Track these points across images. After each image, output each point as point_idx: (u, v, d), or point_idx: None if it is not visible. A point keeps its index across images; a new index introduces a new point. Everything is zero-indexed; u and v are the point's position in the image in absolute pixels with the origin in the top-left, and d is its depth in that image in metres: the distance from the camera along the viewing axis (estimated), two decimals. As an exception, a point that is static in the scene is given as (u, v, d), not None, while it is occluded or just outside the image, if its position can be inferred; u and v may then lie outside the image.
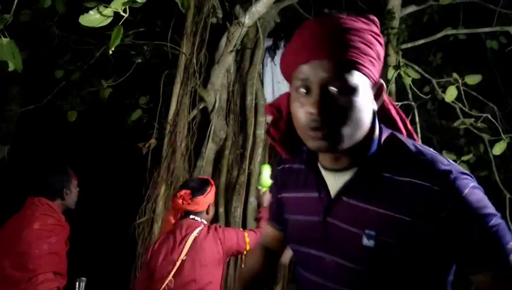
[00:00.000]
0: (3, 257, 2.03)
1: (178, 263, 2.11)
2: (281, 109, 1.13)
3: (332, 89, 0.84)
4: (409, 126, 1.05)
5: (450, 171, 0.83)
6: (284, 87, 4.57)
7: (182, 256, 2.12)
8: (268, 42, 4.62)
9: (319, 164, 1.00)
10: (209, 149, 4.05)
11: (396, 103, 3.65)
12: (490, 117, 3.49)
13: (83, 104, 4.56)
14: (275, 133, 1.16)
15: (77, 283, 2.30)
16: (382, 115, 1.00)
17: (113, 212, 4.51)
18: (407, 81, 3.66)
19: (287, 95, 1.06)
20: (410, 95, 3.79)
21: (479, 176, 4.16)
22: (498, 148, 3.33)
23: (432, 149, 0.91)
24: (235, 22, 4.01)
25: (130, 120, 4.35)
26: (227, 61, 4.13)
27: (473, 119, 3.51)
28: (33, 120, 4.97)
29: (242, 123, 4.32)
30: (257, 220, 2.60)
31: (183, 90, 3.82)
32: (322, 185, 0.97)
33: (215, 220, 4.08)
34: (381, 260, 0.85)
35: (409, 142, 0.91)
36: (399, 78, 3.74)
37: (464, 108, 3.55)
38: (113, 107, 4.60)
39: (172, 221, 2.31)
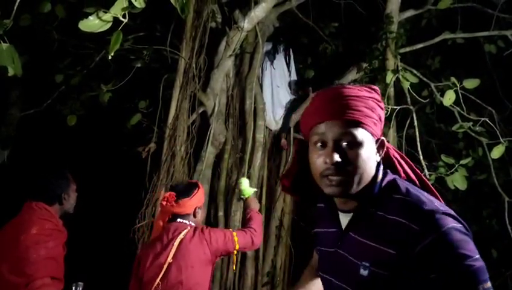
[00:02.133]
0: (1, 262, 2.02)
1: (165, 266, 2.13)
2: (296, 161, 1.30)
3: (344, 143, 1.03)
4: (415, 171, 1.18)
5: (430, 213, 0.94)
6: (282, 91, 4.58)
7: (169, 259, 2.14)
8: (268, 46, 4.63)
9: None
10: (209, 153, 4.05)
11: (395, 107, 3.67)
12: (488, 121, 3.50)
13: (82, 109, 4.57)
14: (286, 183, 1.34)
15: (74, 288, 2.30)
16: (387, 163, 1.16)
17: (112, 217, 4.51)
18: (406, 85, 3.68)
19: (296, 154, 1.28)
20: (408, 99, 3.80)
21: (478, 179, 4.18)
22: (496, 152, 3.33)
23: (424, 193, 1.03)
24: (234, 26, 4.03)
25: (129, 124, 4.35)
26: (226, 65, 4.15)
27: (471, 123, 3.52)
28: (33, 124, 4.98)
29: (241, 127, 4.33)
30: (247, 220, 2.63)
31: (182, 95, 3.83)
32: (337, 222, 1.15)
33: (215, 224, 4.09)
34: (373, 287, 0.99)
35: (403, 186, 1.05)
36: (397, 82, 3.75)
37: (462, 112, 3.56)
38: (112, 112, 4.61)
39: (161, 224, 2.32)
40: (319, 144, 1.06)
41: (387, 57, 3.90)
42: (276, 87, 4.54)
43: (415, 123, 3.66)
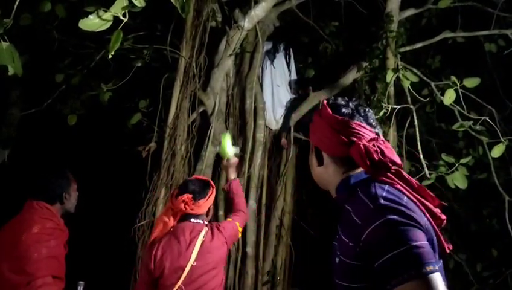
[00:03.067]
0: (2, 261, 2.01)
1: (187, 269, 2.11)
2: None
3: None
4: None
5: (372, 210, 1.04)
6: (283, 90, 4.59)
7: (191, 262, 2.12)
8: (268, 46, 4.63)
9: None
10: (209, 152, 4.05)
11: (395, 106, 3.67)
12: (489, 120, 3.50)
13: (83, 108, 4.57)
14: None
15: (75, 287, 2.30)
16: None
17: (113, 216, 4.51)
18: (406, 84, 3.68)
19: None
20: (408, 98, 3.80)
21: (478, 178, 4.18)
22: (497, 151, 3.33)
23: (383, 188, 1.10)
24: (235, 25, 4.03)
25: (129, 124, 4.36)
26: (226, 64, 4.15)
27: (471, 122, 3.52)
28: (33, 124, 4.98)
29: (241, 126, 4.33)
30: (228, 192, 2.57)
31: (182, 94, 3.83)
32: None
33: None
34: (342, 273, 1.10)
35: (365, 185, 1.14)
36: (398, 81, 3.75)
37: (462, 111, 3.56)
38: (113, 111, 4.61)
39: (172, 223, 2.26)
40: None
41: (387, 56, 3.90)
42: (276, 86, 4.55)
43: (415, 122, 3.66)
